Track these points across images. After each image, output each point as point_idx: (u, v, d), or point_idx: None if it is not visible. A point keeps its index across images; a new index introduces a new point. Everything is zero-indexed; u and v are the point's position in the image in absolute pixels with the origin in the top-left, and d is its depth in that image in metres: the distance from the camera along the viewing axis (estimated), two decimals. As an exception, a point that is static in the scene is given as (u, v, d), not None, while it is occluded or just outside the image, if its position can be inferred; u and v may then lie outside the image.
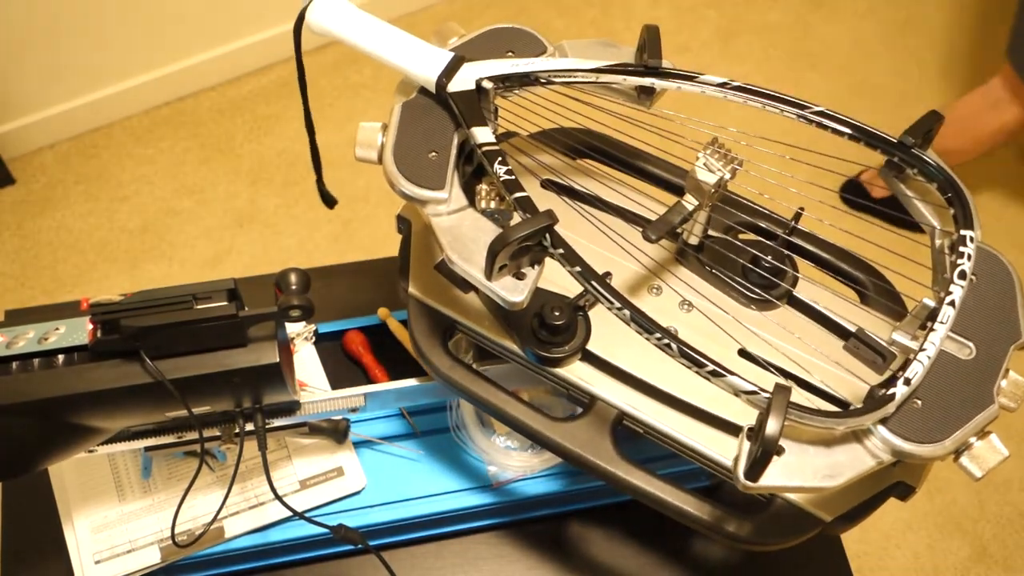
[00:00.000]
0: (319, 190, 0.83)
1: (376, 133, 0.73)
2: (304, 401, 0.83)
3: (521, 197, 0.68)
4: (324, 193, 0.84)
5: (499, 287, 0.66)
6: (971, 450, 0.63)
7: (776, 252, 0.80)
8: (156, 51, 2.12)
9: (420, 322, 0.79)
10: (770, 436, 0.57)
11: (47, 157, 2.12)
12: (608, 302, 0.65)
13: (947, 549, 1.73)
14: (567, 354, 0.75)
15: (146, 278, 1.96)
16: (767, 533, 0.71)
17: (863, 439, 0.63)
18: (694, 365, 0.63)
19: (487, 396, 0.76)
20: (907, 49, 2.41)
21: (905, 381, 0.62)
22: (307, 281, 0.74)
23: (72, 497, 0.90)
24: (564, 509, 0.97)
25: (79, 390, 0.71)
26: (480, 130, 0.72)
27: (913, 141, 0.70)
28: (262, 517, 0.90)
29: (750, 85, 0.73)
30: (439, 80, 0.74)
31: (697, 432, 0.74)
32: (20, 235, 2.02)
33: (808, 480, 0.62)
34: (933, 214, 0.71)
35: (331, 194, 0.84)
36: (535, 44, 0.78)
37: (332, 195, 0.84)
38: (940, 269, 0.69)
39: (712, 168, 0.73)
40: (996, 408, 0.64)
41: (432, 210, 0.70)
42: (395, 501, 0.93)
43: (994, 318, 0.67)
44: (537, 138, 0.88)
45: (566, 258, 0.66)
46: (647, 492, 0.72)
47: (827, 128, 0.72)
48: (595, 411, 0.75)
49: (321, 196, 0.84)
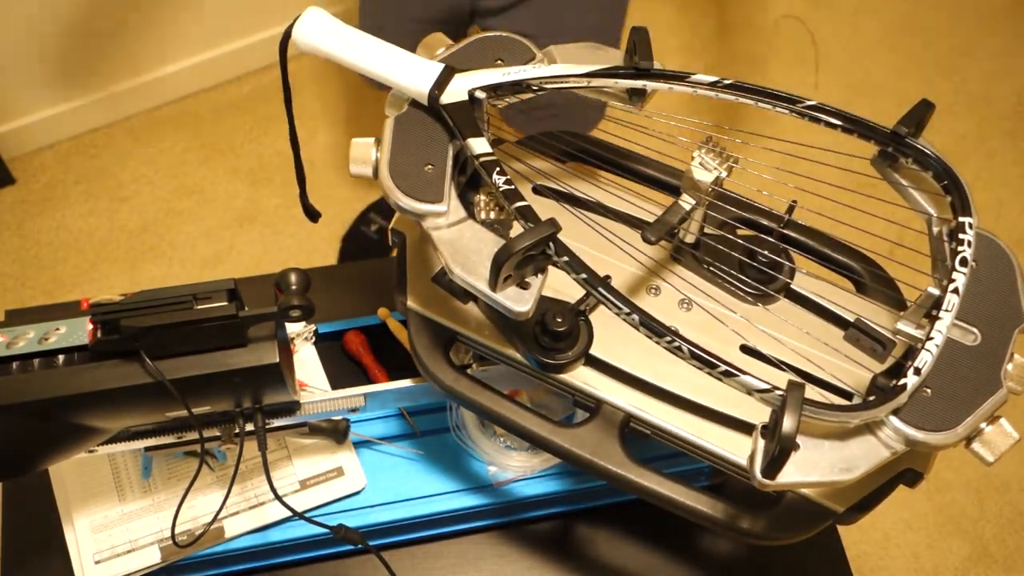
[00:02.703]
0: (302, 204, 0.83)
1: (370, 148, 0.73)
2: (304, 401, 0.83)
3: (522, 207, 0.68)
4: (307, 207, 0.83)
5: (504, 298, 0.66)
6: (982, 436, 0.64)
7: (772, 246, 0.80)
8: (156, 51, 2.12)
9: (421, 335, 0.79)
10: (787, 434, 0.58)
11: (47, 157, 2.12)
12: (616, 307, 0.65)
13: (947, 549, 1.74)
14: (571, 360, 0.75)
15: (146, 278, 1.96)
16: (781, 527, 0.72)
17: (876, 430, 0.64)
18: (705, 366, 0.63)
19: (493, 407, 0.77)
20: (907, 49, 2.41)
21: (915, 371, 0.62)
22: (307, 281, 0.74)
23: (72, 497, 0.90)
24: (564, 509, 0.97)
25: (79, 390, 0.71)
26: (476, 141, 0.72)
27: (907, 130, 0.71)
28: (262, 517, 0.90)
29: (741, 83, 0.73)
30: (431, 92, 0.73)
31: (707, 431, 0.74)
32: (20, 235, 2.02)
33: (825, 475, 0.62)
34: (929, 202, 0.72)
35: (315, 208, 0.83)
36: (523, 51, 0.78)
37: (316, 209, 0.84)
38: (940, 257, 0.69)
39: (708, 167, 0.73)
40: (1005, 392, 0.64)
41: (431, 223, 0.70)
42: (395, 501, 0.93)
43: (996, 303, 0.68)
44: (524, 143, 0.88)
45: (571, 266, 0.66)
46: (660, 494, 0.73)
47: (820, 122, 0.72)
48: (602, 415, 0.75)
49: (304, 210, 0.84)
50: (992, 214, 2.13)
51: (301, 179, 0.83)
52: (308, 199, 0.83)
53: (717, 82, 0.73)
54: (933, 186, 0.71)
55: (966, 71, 2.37)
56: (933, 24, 2.46)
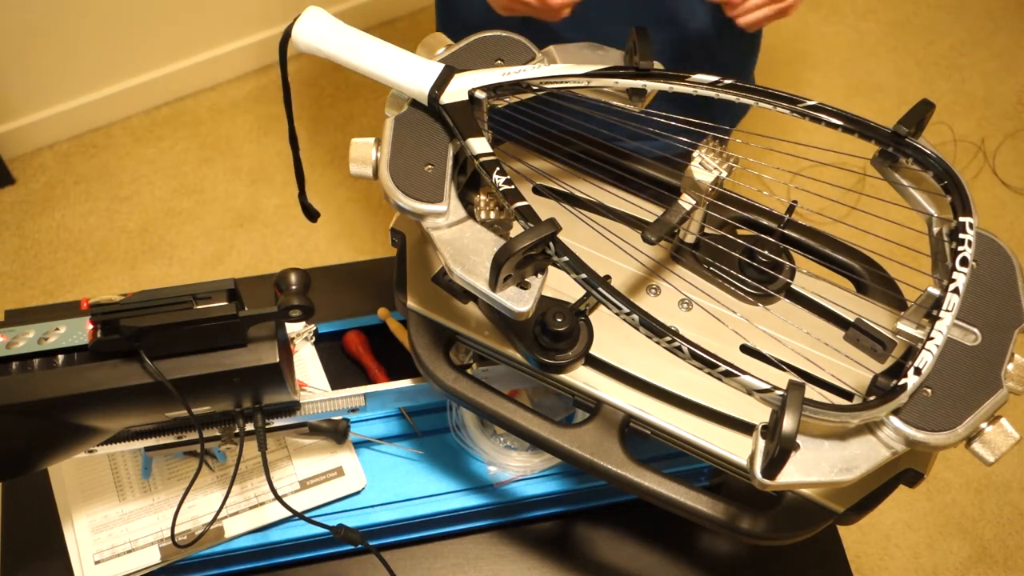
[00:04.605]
0: (301, 204, 0.83)
1: (370, 149, 0.73)
2: (304, 401, 0.83)
3: (523, 207, 0.68)
4: (306, 207, 0.83)
5: (504, 298, 0.66)
6: (982, 436, 0.64)
7: (772, 246, 0.80)
8: (156, 51, 2.12)
9: (421, 335, 0.79)
10: (787, 434, 0.58)
11: (47, 157, 2.12)
12: (616, 308, 0.65)
13: (947, 549, 1.73)
14: (571, 360, 0.75)
15: (146, 278, 1.96)
16: (781, 527, 0.72)
17: (876, 430, 0.64)
18: (705, 366, 0.63)
19: (493, 407, 0.77)
20: (907, 49, 2.41)
21: (915, 371, 0.62)
22: (307, 281, 0.74)
23: (72, 497, 0.90)
24: (564, 509, 0.97)
25: (79, 390, 0.71)
26: (476, 141, 0.71)
27: (907, 130, 0.71)
28: (262, 517, 0.90)
29: (741, 83, 0.73)
30: (431, 93, 0.73)
31: (707, 431, 0.74)
32: (20, 235, 2.02)
33: (825, 475, 0.62)
34: (929, 202, 0.72)
35: (314, 208, 0.83)
36: (523, 51, 0.78)
37: (315, 209, 0.84)
38: (940, 257, 0.69)
39: (708, 167, 0.73)
40: (1005, 393, 0.64)
41: (431, 223, 0.70)
42: (395, 501, 0.93)
43: (997, 303, 0.68)
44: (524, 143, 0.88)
45: (571, 266, 0.66)
46: (659, 494, 0.73)
47: (820, 121, 0.72)
48: (602, 415, 0.75)
49: (303, 210, 0.84)
50: (992, 214, 2.13)
51: (301, 179, 0.83)
52: (308, 199, 0.83)
53: (717, 82, 0.73)
54: (933, 186, 0.71)
55: (966, 71, 2.37)
56: (933, 24, 2.46)
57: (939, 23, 2.46)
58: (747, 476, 0.62)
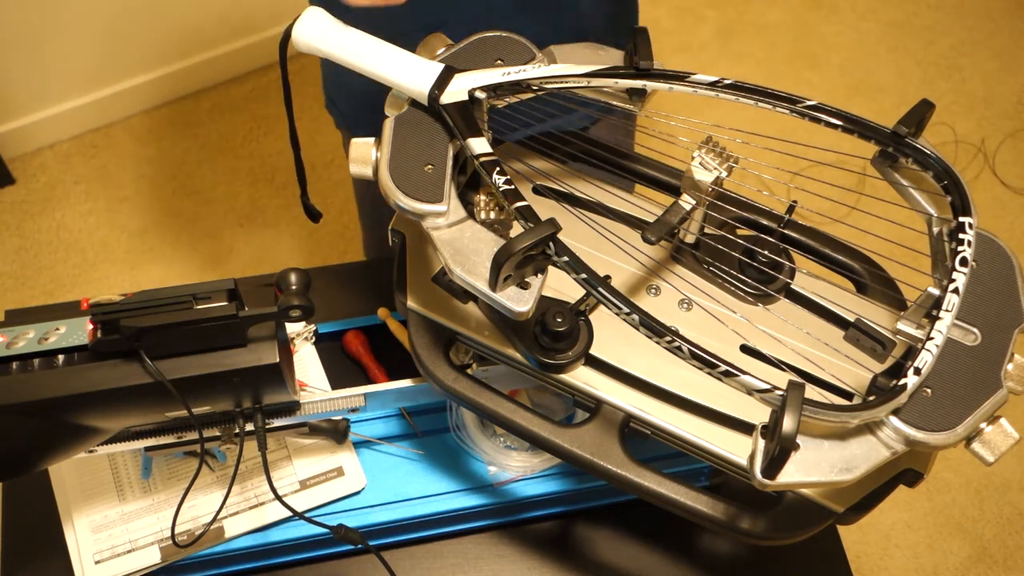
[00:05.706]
0: (303, 204, 0.83)
1: (370, 148, 0.73)
2: (304, 401, 0.83)
3: (523, 207, 0.68)
4: (308, 207, 0.83)
5: (504, 298, 0.66)
6: (982, 436, 0.64)
7: (772, 246, 0.80)
8: (156, 51, 2.12)
9: (421, 336, 0.79)
10: (787, 434, 0.58)
11: (47, 157, 2.12)
12: (616, 308, 0.65)
13: (947, 549, 1.74)
14: (571, 360, 0.75)
15: (146, 278, 1.97)
16: (781, 527, 0.72)
17: (876, 430, 0.64)
18: (705, 366, 0.63)
19: (493, 407, 0.77)
20: (907, 49, 2.41)
21: (915, 371, 0.62)
22: (307, 281, 0.74)
23: (72, 497, 0.90)
24: (564, 509, 0.97)
25: (79, 390, 0.71)
26: (476, 141, 0.71)
27: (907, 130, 0.71)
28: (262, 517, 0.90)
29: (741, 82, 0.73)
30: (431, 92, 0.73)
31: (707, 431, 0.74)
32: (20, 235, 2.02)
33: (825, 475, 0.62)
34: (929, 202, 0.72)
35: (315, 208, 0.83)
36: (523, 51, 0.78)
37: (316, 209, 0.84)
38: (940, 257, 0.70)
39: (708, 167, 0.73)
40: (1005, 393, 0.64)
41: (431, 223, 0.70)
42: (395, 501, 0.93)
43: (996, 303, 0.68)
44: (524, 143, 0.88)
45: (571, 266, 0.66)
46: (659, 494, 0.73)
47: (820, 121, 0.72)
48: (602, 415, 0.75)
49: (305, 210, 0.84)
50: (992, 214, 2.13)
51: (302, 179, 0.83)
52: (309, 199, 0.83)
53: (717, 82, 0.73)
54: (933, 186, 0.71)
55: (966, 71, 2.37)
56: (933, 24, 2.46)
57: (939, 23, 2.46)
58: (747, 476, 0.62)
